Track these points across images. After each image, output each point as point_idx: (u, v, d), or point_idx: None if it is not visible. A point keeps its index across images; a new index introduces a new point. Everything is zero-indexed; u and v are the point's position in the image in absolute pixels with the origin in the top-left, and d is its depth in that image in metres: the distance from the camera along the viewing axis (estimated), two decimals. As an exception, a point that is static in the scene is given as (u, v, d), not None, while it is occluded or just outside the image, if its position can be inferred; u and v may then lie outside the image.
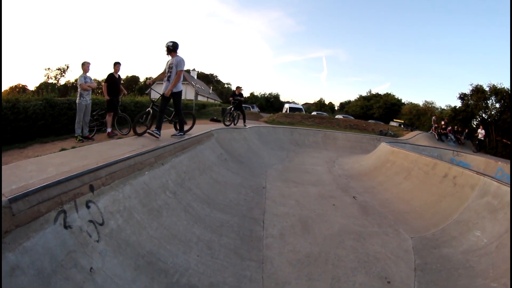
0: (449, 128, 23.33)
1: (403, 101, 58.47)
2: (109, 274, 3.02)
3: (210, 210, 5.32)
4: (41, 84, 48.22)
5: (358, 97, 67.81)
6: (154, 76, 79.77)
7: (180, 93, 7.54)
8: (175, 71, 7.25)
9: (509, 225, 4.23)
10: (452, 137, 22.92)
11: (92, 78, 9.06)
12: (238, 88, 14.80)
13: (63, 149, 6.21)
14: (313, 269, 3.94)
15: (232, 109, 14.14)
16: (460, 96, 30.33)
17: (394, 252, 4.46)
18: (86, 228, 3.24)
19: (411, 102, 55.34)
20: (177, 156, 6.34)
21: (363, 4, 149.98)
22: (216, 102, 52.96)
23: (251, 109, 38.84)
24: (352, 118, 37.34)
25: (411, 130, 29.04)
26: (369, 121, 35.76)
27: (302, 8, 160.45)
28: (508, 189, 4.82)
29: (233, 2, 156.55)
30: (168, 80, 7.32)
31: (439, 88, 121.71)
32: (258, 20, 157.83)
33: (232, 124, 14.07)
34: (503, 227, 4.37)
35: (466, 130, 24.62)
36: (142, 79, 79.00)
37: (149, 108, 7.75)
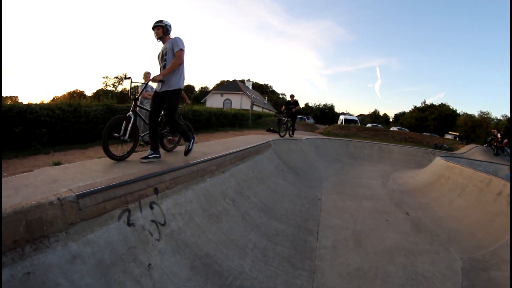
0: (505, 141, 21.45)
1: (458, 111, 54.93)
2: (166, 271, 3.13)
3: (267, 218, 5.37)
4: (98, 91, 49.95)
5: (413, 108, 64.95)
6: (210, 87, 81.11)
7: (178, 92, 5.08)
8: (171, 54, 4.94)
9: None
10: (508, 150, 20.99)
11: (153, 87, 9.22)
12: (292, 96, 13.47)
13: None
14: (362, 283, 3.85)
15: (286, 119, 13.15)
16: (517, 104, 28.14)
17: (442, 272, 4.25)
18: (148, 227, 3.40)
19: (466, 113, 52.23)
20: (237, 165, 6.43)
21: (414, 10, 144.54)
22: (271, 112, 53.16)
23: (307, 120, 38.80)
24: (407, 130, 35.64)
25: (467, 143, 27.07)
26: (424, 133, 33.96)
27: (352, 17, 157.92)
28: None
29: (284, 13, 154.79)
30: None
31: (495, 96, 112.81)
32: (309, 30, 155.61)
33: (288, 135, 13.39)
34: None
35: (524, 143, 22.50)
36: (197, 88, 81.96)
37: (130, 112, 4.93)
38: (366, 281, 3.91)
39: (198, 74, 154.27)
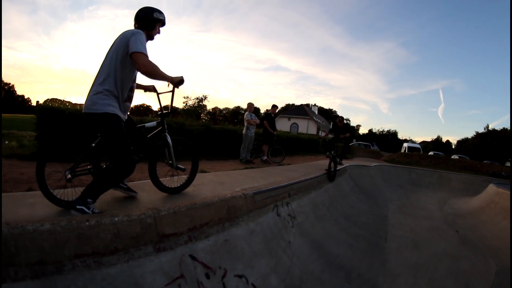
0: None
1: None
2: (298, 247, 4.45)
3: (350, 224, 6.64)
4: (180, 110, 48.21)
5: (475, 134, 60.47)
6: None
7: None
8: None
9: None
10: None
11: (255, 116, 9.93)
12: (341, 119, 10.90)
13: (246, 168, 7.85)
14: (417, 271, 5.06)
15: (332, 152, 8.51)
16: None
17: (479, 272, 5.16)
18: (286, 218, 4.78)
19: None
20: (327, 183, 7.75)
21: (473, 25, 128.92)
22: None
23: (372, 147, 37.95)
24: (468, 158, 33.72)
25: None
26: (484, 161, 31.71)
27: (413, 36, 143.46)
28: None
29: (346, 35, 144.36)
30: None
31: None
32: (372, 53, 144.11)
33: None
34: None
35: None
36: (262, 111, 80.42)
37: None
38: (421, 270, 5.14)
39: (263, 97, 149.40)
